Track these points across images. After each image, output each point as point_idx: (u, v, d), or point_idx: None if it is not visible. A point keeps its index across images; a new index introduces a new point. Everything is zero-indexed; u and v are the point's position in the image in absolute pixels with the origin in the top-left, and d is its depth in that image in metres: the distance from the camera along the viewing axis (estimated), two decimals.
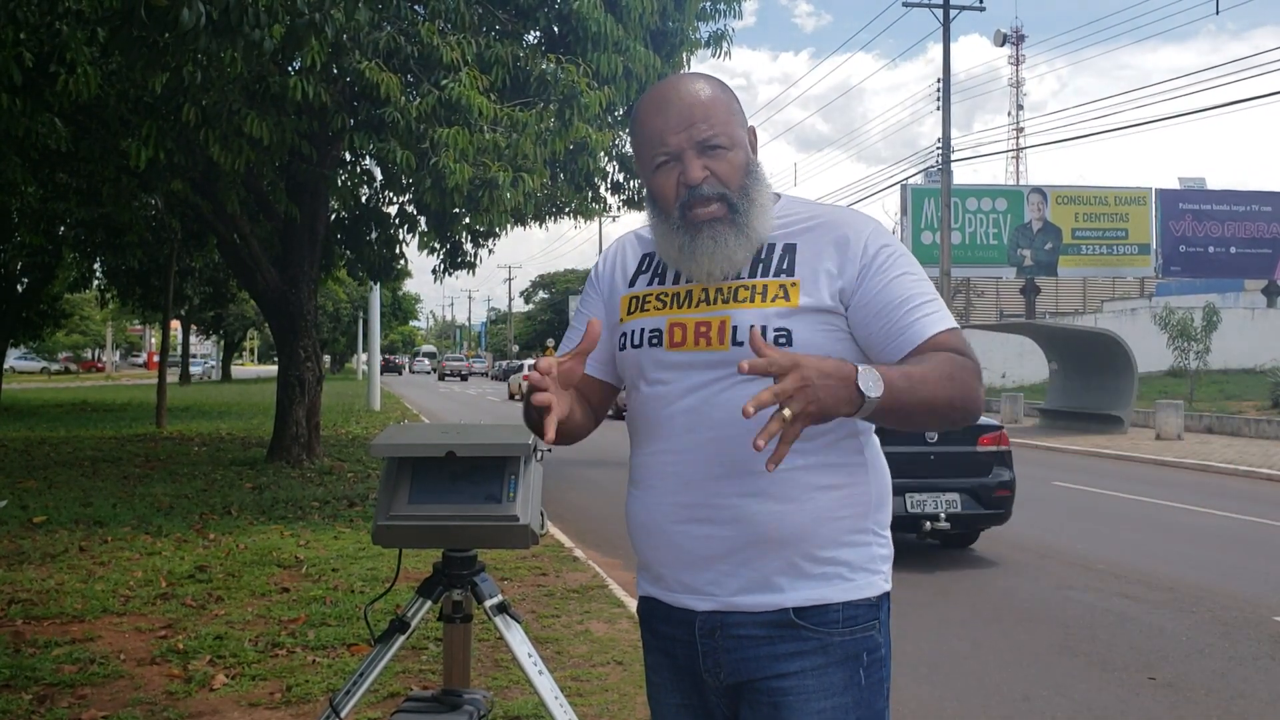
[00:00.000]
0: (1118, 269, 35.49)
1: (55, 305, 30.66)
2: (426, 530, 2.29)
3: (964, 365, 1.69)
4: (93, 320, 59.54)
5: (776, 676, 1.72)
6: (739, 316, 1.74)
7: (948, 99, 28.32)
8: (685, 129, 1.75)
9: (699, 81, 1.81)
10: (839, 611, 1.73)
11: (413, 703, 2.46)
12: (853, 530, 1.76)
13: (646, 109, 1.81)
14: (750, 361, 1.49)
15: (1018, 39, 62.68)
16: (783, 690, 1.72)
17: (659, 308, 1.82)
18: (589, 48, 10.13)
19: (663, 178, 1.79)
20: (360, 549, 7.41)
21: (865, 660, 1.74)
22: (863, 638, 1.74)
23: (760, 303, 1.74)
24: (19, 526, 8.25)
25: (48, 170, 12.27)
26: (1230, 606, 6.55)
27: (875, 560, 1.78)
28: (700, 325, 1.76)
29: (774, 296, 1.74)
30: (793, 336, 1.71)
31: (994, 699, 4.77)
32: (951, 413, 1.67)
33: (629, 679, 4.65)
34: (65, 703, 4.22)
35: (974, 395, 1.69)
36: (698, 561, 1.76)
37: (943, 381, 1.65)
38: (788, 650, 1.72)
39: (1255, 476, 13.91)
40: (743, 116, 1.83)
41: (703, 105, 1.77)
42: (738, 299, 1.76)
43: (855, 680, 1.73)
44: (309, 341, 12.99)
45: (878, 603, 1.77)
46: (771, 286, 1.75)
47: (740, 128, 1.81)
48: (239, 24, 5.81)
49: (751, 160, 1.81)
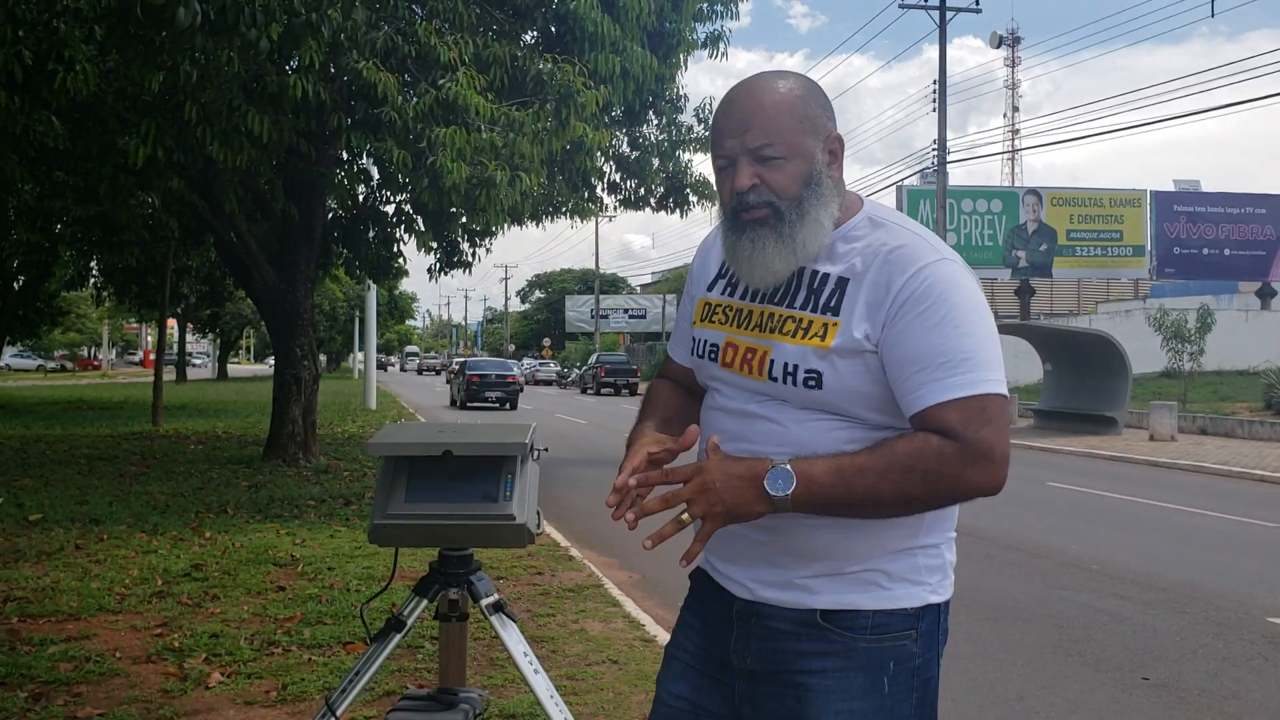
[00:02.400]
0: (1112, 270, 35.54)
1: (52, 303, 30.64)
2: (423, 529, 2.30)
3: (938, 451, 1.59)
4: (89, 318, 59.42)
5: (801, 672, 1.72)
6: (778, 350, 1.73)
7: (943, 101, 28.35)
8: (740, 134, 1.72)
9: (772, 83, 1.75)
10: (869, 618, 1.71)
11: (408, 701, 2.47)
12: (894, 549, 1.72)
13: (719, 108, 1.79)
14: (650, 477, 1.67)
15: (1013, 41, 62.80)
16: (806, 686, 1.72)
17: (723, 322, 1.84)
18: (586, 48, 10.15)
19: (721, 181, 1.79)
20: (356, 547, 7.41)
21: (892, 669, 1.71)
22: (892, 646, 1.71)
23: (800, 339, 1.72)
24: (15, 524, 8.24)
25: (45, 168, 12.25)
26: (1223, 607, 6.58)
27: (919, 571, 1.74)
28: (747, 352, 1.78)
29: (814, 334, 1.71)
30: (823, 379, 1.69)
31: (988, 699, 4.79)
32: (910, 503, 1.62)
33: (624, 678, 4.66)
34: (61, 700, 4.22)
35: (946, 485, 1.60)
36: (736, 557, 1.80)
37: (893, 473, 1.60)
38: (812, 649, 1.72)
39: (1248, 478, 13.94)
40: (817, 123, 1.74)
41: (764, 111, 1.71)
42: (783, 330, 1.74)
43: (878, 687, 1.71)
44: (306, 340, 12.99)
45: (918, 613, 1.73)
46: (816, 324, 1.72)
47: (807, 135, 1.72)
48: (235, 23, 5.83)
49: (816, 172, 1.73)
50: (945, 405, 1.61)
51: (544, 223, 15.39)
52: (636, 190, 14.67)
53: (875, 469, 1.60)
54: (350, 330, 56.64)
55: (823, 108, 1.76)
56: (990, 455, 1.60)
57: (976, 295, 1.70)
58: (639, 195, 14.71)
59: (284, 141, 9.54)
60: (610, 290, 73.14)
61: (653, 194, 14.70)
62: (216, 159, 9.41)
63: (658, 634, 5.42)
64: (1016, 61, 64.35)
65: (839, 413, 1.70)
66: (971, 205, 32.74)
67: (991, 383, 1.63)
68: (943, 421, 1.61)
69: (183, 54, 7.19)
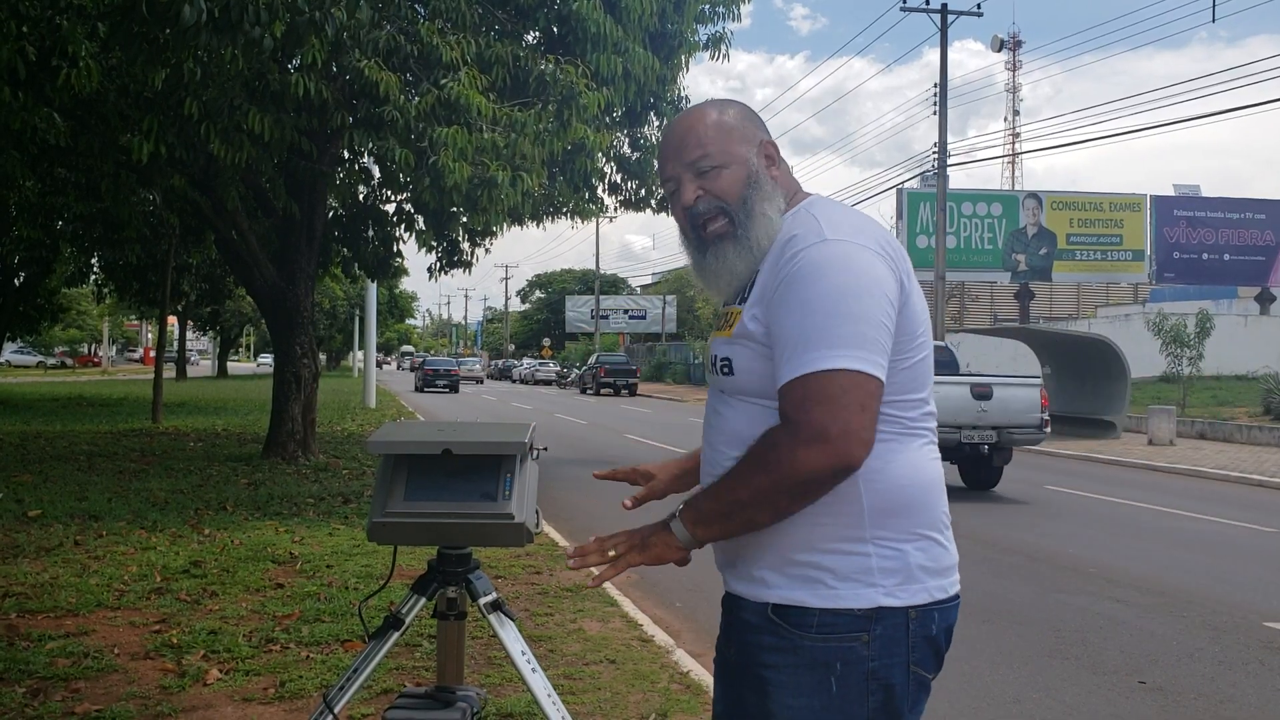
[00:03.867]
0: (1112, 275, 35.56)
1: (52, 300, 30.63)
2: (421, 527, 2.31)
3: (773, 441, 1.66)
4: (89, 315, 59.41)
5: (762, 665, 1.77)
6: (714, 346, 1.87)
7: (944, 104, 28.35)
8: (677, 156, 1.86)
9: (701, 108, 1.89)
10: (815, 616, 1.73)
11: (406, 699, 2.48)
12: (837, 539, 1.73)
13: (660, 143, 1.95)
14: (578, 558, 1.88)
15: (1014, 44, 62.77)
16: (766, 679, 1.77)
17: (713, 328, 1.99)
18: (588, 48, 10.16)
19: (672, 206, 1.90)
20: (355, 545, 7.42)
21: (839, 670, 1.72)
22: (839, 647, 1.72)
23: (725, 331, 1.85)
24: (14, 520, 8.25)
25: (46, 165, 12.27)
26: (1220, 611, 6.58)
27: (870, 572, 1.73)
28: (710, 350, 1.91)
29: (732, 323, 1.83)
30: (732, 364, 1.81)
31: (984, 701, 4.80)
32: (770, 503, 1.67)
33: (621, 678, 4.67)
34: (59, 696, 4.23)
35: (785, 472, 1.63)
36: (721, 549, 1.88)
37: (750, 476, 1.68)
38: (769, 643, 1.77)
39: (1247, 482, 13.95)
40: (746, 133, 1.86)
41: (695, 131, 1.84)
42: (718, 327, 1.89)
43: (825, 686, 1.73)
44: (305, 338, 13.00)
45: (870, 615, 1.72)
46: (735, 314, 1.83)
47: (738, 143, 1.84)
48: (239, 21, 5.83)
49: (754, 172, 1.84)
50: (782, 389, 1.67)
51: (545, 223, 15.39)
52: (637, 191, 14.66)
53: (741, 476, 1.70)
54: (350, 329, 56.66)
55: (751, 120, 1.89)
56: (824, 435, 1.61)
57: (847, 274, 1.68)
58: (640, 196, 14.72)
59: (286, 140, 9.55)
60: (610, 291, 73.17)
61: (654, 195, 14.70)
62: (218, 156, 9.42)
63: (655, 634, 5.43)
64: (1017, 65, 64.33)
65: (753, 399, 1.79)
66: (971, 208, 32.76)
67: (834, 359, 1.62)
68: (781, 403, 1.67)
69: (187, 51, 7.20)
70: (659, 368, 54.72)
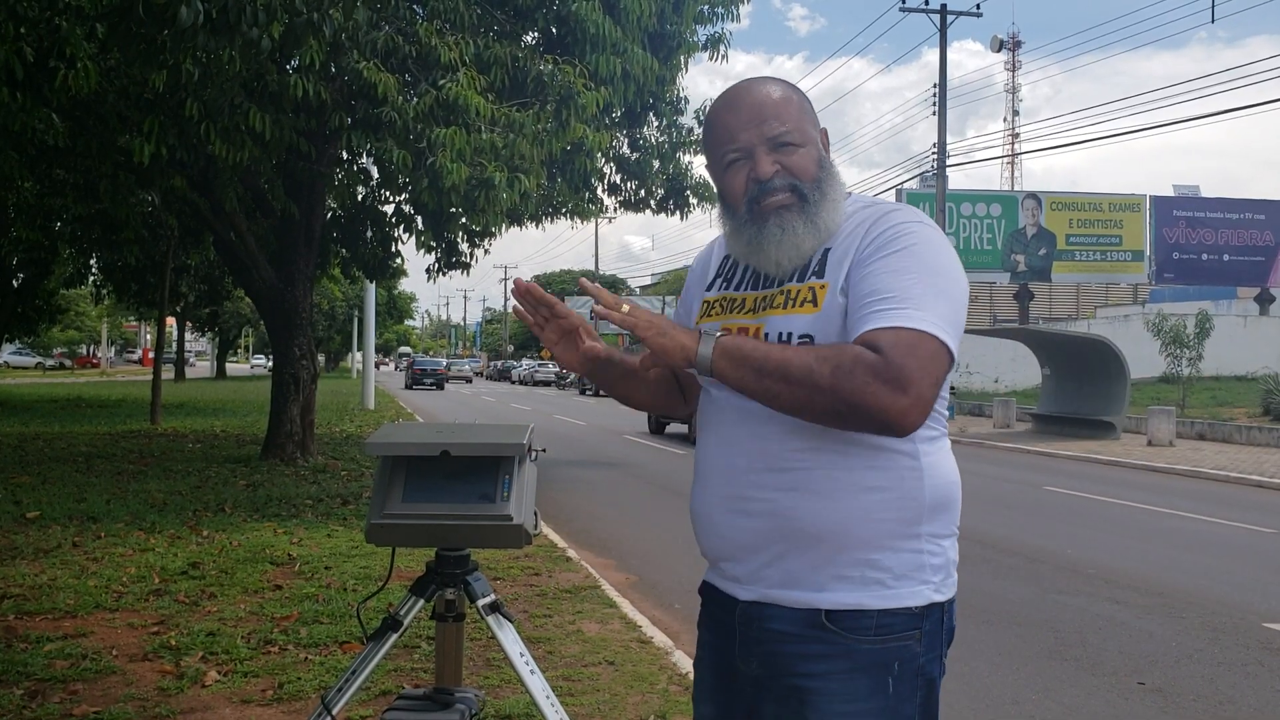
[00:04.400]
0: (1111, 275, 35.56)
1: (51, 301, 30.62)
2: (420, 529, 2.30)
3: (857, 355, 1.59)
4: (88, 316, 59.41)
5: (804, 675, 1.72)
6: (770, 323, 1.77)
7: (943, 104, 28.36)
8: (756, 126, 1.78)
9: (771, 83, 1.84)
10: (873, 619, 1.70)
11: (404, 701, 2.48)
12: (896, 535, 1.71)
13: (718, 108, 1.84)
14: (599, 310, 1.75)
15: (1014, 45, 62.83)
16: (808, 690, 1.71)
17: (720, 313, 1.89)
18: (587, 49, 10.16)
19: (733, 175, 1.82)
20: (353, 547, 7.41)
21: (896, 670, 1.71)
22: (896, 647, 1.71)
23: (790, 309, 1.76)
24: (12, 522, 8.24)
25: (45, 165, 12.26)
26: (1219, 612, 6.58)
27: (924, 569, 1.73)
28: (740, 332, 1.80)
29: (802, 300, 1.75)
30: (815, 341, 1.72)
31: (983, 702, 4.79)
32: (809, 388, 1.60)
33: (620, 679, 4.67)
34: (57, 698, 4.23)
35: (854, 387, 1.57)
36: (738, 551, 1.79)
37: (808, 355, 1.62)
38: (815, 651, 1.71)
39: (1246, 483, 13.95)
40: (815, 117, 1.85)
41: (774, 104, 1.79)
42: (773, 305, 1.79)
43: (883, 688, 1.70)
44: (304, 339, 12.99)
45: (922, 613, 1.72)
46: (803, 291, 1.76)
47: (812, 127, 1.83)
48: (237, 22, 5.83)
49: (824, 157, 1.83)
50: (882, 329, 1.61)
51: (544, 223, 15.40)
52: (636, 192, 14.66)
53: (795, 350, 1.65)
54: (349, 330, 56.66)
55: (810, 103, 1.86)
56: (905, 384, 1.57)
57: (950, 260, 1.71)
58: (639, 197, 14.72)
59: (284, 140, 9.55)
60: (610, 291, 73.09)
61: (653, 196, 14.70)
62: (218, 156, 9.41)
63: (654, 635, 5.43)
64: (1017, 65, 64.42)
65: None
66: (971, 209, 32.76)
67: (935, 327, 1.61)
68: (874, 340, 1.60)
69: (184, 52, 7.20)
70: None
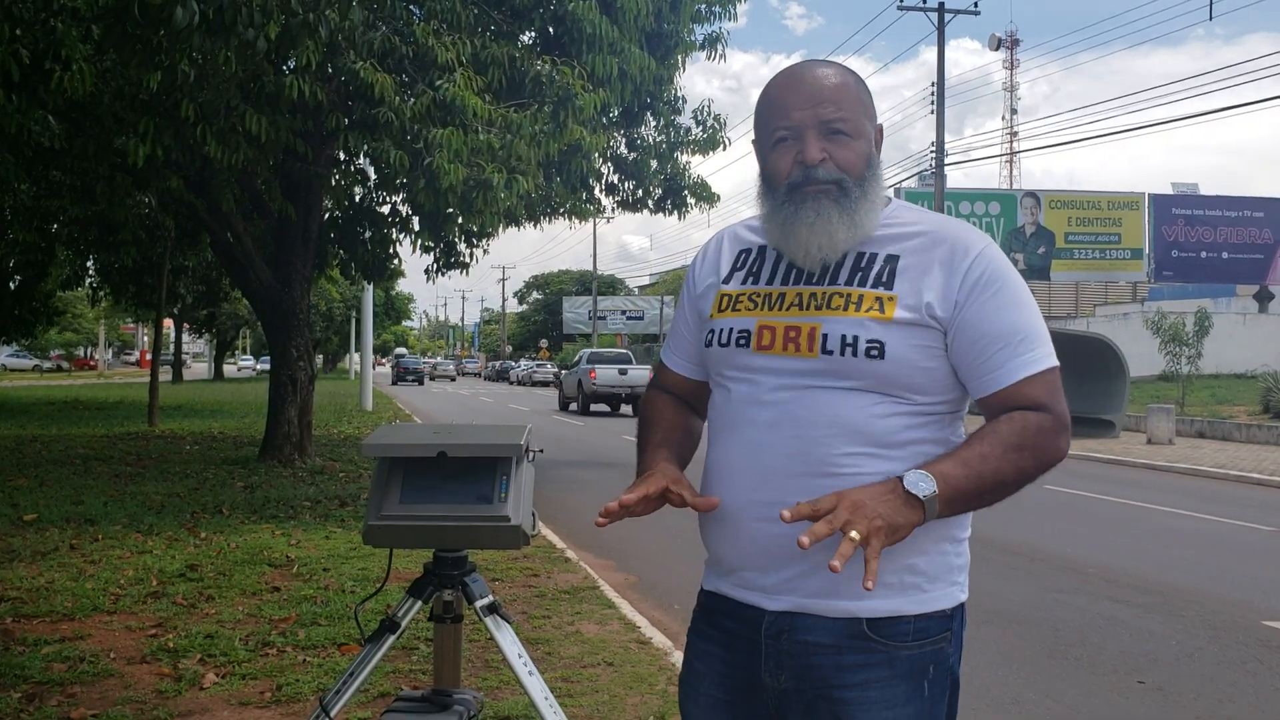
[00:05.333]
0: (1110, 273, 35.59)
1: (48, 303, 30.54)
2: (417, 530, 2.29)
3: (1039, 425, 1.67)
4: (85, 318, 59.33)
5: (840, 686, 1.69)
6: (830, 325, 1.69)
7: (941, 103, 28.36)
8: (812, 107, 1.72)
9: (832, 67, 1.79)
10: (911, 624, 1.70)
11: (403, 703, 2.47)
12: (930, 538, 1.70)
13: (775, 84, 1.78)
14: (793, 511, 1.54)
15: (1012, 43, 62.87)
16: (845, 700, 1.68)
17: (750, 309, 1.78)
18: (584, 49, 10.15)
19: (779, 154, 1.75)
20: (351, 549, 7.40)
21: (931, 673, 1.71)
22: (932, 650, 1.71)
23: (855, 312, 1.69)
24: (9, 524, 8.23)
25: (41, 167, 12.25)
26: (1219, 610, 6.57)
27: (952, 570, 1.75)
28: (790, 330, 1.72)
29: (869, 308, 1.69)
30: (885, 349, 1.67)
31: (983, 701, 4.78)
32: (1024, 480, 1.68)
33: (619, 680, 4.65)
34: (54, 701, 4.21)
35: (1049, 456, 1.68)
36: (770, 561, 1.71)
37: (1009, 454, 1.65)
38: (854, 662, 1.68)
39: (1246, 481, 13.95)
40: (872, 111, 1.79)
41: (832, 88, 1.73)
42: (831, 306, 1.71)
43: (919, 692, 1.70)
44: (301, 341, 12.98)
45: (952, 614, 1.74)
46: (868, 297, 1.70)
47: (868, 120, 1.76)
48: (233, 23, 5.82)
49: (873, 155, 1.77)
50: (1031, 380, 1.69)
51: (542, 224, 15.38)
52: (634, 192, 14.65)
53: (994, 454, 1.65)
54: (347, 331, 56.66)
55: (870, 96, 1.80)
56: (1068, 425, 1.70)
57: (1018, 275, 1.79)
58: (637, 197, 14.70)
59: (281, 141, 9.53)
60: (608, 291, 73.18)
61: (650, 196, 14.69)
62: (215, 158, 9.40)
63: (653, 636, 5.42)
64: (1015, 64, 64.46)
65: (888, 388, 1.68)
66: (970, 208, 32.77)
67: (1054, 357, 1.73)
68: (1031, 397, 1.68)
69: (180, 54, 7.19)
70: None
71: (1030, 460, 1.66)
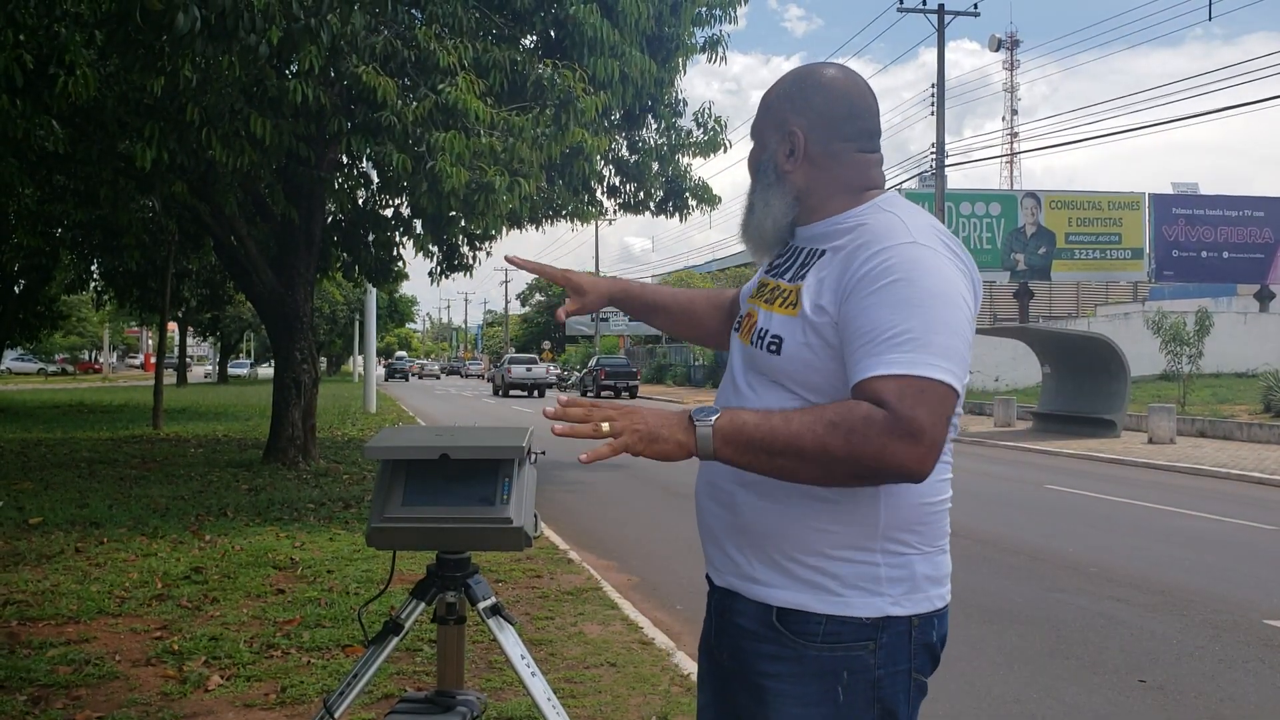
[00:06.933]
0: (1111, 273, 35.55)
1: (52, 307, 30.61)
2: (420, 532, 2.31)
3: (867, 414, 1.55)
4: (90, 322, 59.42)
5: (761, 673, 1.73)
6: (761, 316, 1.82)
7: (941, 104, 28.37)
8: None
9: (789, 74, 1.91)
10: (820, 624, 1.69)
11: (406, 704, 2.48)
12: (844, 546, 1.69)
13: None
14: (558, 410, 1.64)
15: (1012, 44, 62.82)
16: (765, 688, 1.73)
17: (753, 294, 1.93)
18: (585, 52, 10.18)
19: None
20: (355, 551, 7.43)
21: (846, 679, 1.68)
22: (845, 656, 1.68)
23: (778, 306, 1.79)
24: (15, 528, 8.26)
25: (45, 172, 12.27)
26: (1220, 610, 6.59)
27: (878, 581, 1.69)
28: (747, 317, 1.88)
29: (784, 302, 1.78)
30: (782, 345, 1.73)
31: (985, 701, 4.80)
32: (824, 458, 1.57)
33: (622, 681, 4.68)
34: (60, 704, 4.24)
35: (867, 449, 1.54)
36: (710, 536, 1.84)
37: (817, 425, 1.56)
38: (769, 651, 1.73)
39: (1247, 480, 13.95)
40: (783, 116, 1.84)
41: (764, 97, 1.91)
42: (768, 299, 1.83)
43: (831, 695, 1.69)
44: (305, 343, 13.00)
45: (877, 624, 1.69)
46: (790, 292, 1.78)
47: (770, 128, 1.86)
48: (235, 29, 5.85)
49: (768, 160, 1.86)
50: (884, 378, 1.57)
51: (544, 226, 15.39)
52: (636, 194, 14.66)
53: (801, 419, 1.59)
54: (350, 333, 56.67)
55: (791, 100, 1.84)
56: (918, 435, 1.54)
57: (943, 283, 1.64)
58: (638, 199, 14.72)
59: (284, 145, 9.56)
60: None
61: (652, 198, 14.71)
62: (218, 162, 9.43)
63: (656, 637, 5.44)
64: (1015, 65, 64.41)
65: (793, 386, 1.73)
66: (970, 208, 32.75)
67: (939, 370, 1.57)
68: (878, 392, 1.57)
69: (183, 59, 7.22)
70: (659, 370, 54.70)
71: (840, 441, 1.54)
